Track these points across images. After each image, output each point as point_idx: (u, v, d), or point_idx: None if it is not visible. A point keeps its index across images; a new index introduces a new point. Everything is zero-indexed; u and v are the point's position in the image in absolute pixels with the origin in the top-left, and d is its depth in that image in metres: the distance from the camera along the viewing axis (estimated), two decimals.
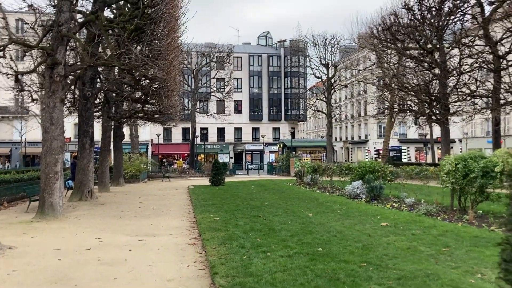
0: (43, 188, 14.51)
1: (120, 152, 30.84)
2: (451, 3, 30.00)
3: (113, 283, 6.72)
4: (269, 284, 5.98)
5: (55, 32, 14.47)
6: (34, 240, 10.43)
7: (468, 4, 29.92)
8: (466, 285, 5.91)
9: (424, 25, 31.21)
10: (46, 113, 14.79)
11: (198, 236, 10.36)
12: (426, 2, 31.27)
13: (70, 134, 52.71)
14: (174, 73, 19.62)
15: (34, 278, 7.06)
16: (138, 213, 15.35)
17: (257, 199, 18.14)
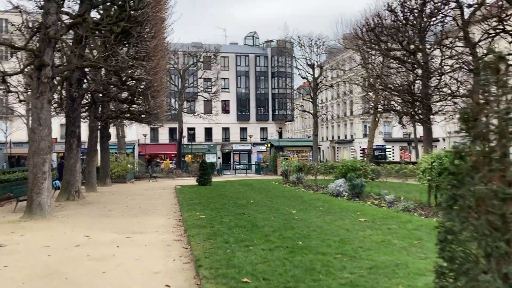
0: (31, 188, 14.72)
1: (106, 153, 31.00)
2: (432, 5, 30.74)
3: (102, 276, 7.07)
4: (250, 274, 6.38)
5: (43, 34, 14.70)
6: (23, 238, 10.70)
7: (448, 7, 30.70)
8: (431, 272, 6.35)
9: (407, 27, 31.90)
10: (34, 114, 15.03)
11: (184, 233, 10.72)
12: (408, 4, 31.99)
13: (57, 135, 52.50)
14: (160, 74, 19.92)
15: (26, 273, 7.37)
16: (125, 212, 15.64)
17: (243, 198, 18.52)
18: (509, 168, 2.80)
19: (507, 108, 2.84)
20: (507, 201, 2.73)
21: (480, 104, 2.95)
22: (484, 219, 2.75)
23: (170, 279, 6.71)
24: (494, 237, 2.71)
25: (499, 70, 2.93)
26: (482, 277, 2.69)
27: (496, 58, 2.96)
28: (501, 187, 2.74)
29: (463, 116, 3.02)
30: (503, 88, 2.88)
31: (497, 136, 2.84)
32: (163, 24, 19.06)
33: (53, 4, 14.49)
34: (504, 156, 2.81)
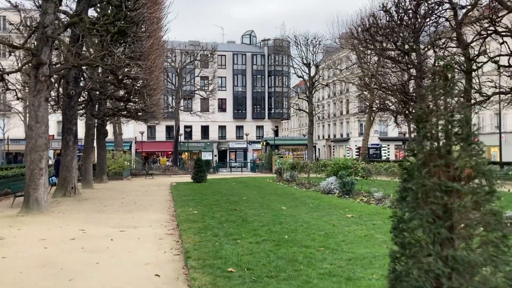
0: (28, 184, 15.04)
1: (103, 150, 31.29)
2: (426, 6, 31.12)
3: (95, 266, 7.43)
4: (235, 265, 6.75)
5: (40, 33, 15.00)
6: (21, 232, 11.04)
7: (442, 7, 31.10)
8: None
9: (401, 27, 32.26)
10: (31, 111, 15.34)
11: (176, 227, 11.09)
12: (403, 5, 32.37)
13: (54, 132, 52.68)
14: (156, 72, 20.25)
15: (23, 263, 7.73)
16: (120, 208, 15.99)
17: (236, 195, 18.90)
18: (453, 164, 3.17)
19: (451, 111, 3.21)
20: (449, 193, 3.10)
21: (430, 107, 3.32)
22: (428, 208, 3.12)
23: (160, 270, 7.08)
24: (437, 224, 3.09)
25: (447, 77, 3.30)
26: (425, 259, 3.07)
27: (444, 66, 3.32)
28: (444, 180, 3.11)
29: (416, 117, 3.39)
30: (449, 93, 3.25)
31: (443, 136, 3.21)
32: (159, 24, 19.37)
33: (50, 4, 14.80)
34: (448, 154, 3.18)
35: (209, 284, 5.81)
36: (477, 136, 3.29)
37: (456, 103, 3.28)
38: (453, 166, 3.20)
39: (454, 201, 3.16)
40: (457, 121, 3.24)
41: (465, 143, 3.22)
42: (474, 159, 3.17)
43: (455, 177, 3.20)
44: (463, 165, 3.16)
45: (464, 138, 3.21)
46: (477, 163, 3.18)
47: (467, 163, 3.18)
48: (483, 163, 3.21)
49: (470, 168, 3.18)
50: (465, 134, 3.20)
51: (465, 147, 3.23)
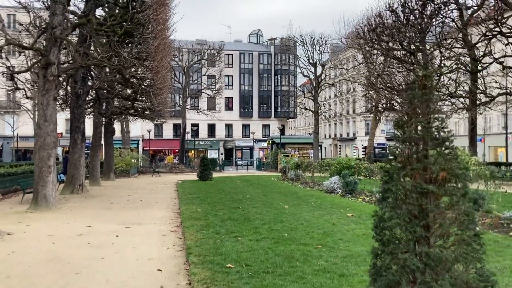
0: (37, 181, 15.41)
1: (111, 148, 31.69)
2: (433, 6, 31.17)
3: (101, 261, 7.73)
4: (234, 261, 7.02)
5: (49, 34, 15.35)
6: (30, 227, 11.39)
7: (448, 8, 31.13)
8: None
9: (407, 27, 32.31)
10: (40, 110, 15.71)
11: (179, 225, 11.38)
12: (409, 5, 32.44)
13: (62, 129, 53.30)
14: (162, 72, 20.55)
15: (32, 258, 8.05)
16: (126, 205, 16.32)
17: (240, 193, 19.17)
18: (429, 167, 3.41)
19: (428, 118, 3.45)
20: (425, 194, 3.35)
21: (409, 114, 3.56)
22: (406, 209, 3.37)
23: (162, 265, 7.37)
24: (413, 223, 3.33)
25: (426, 87, 3.54)
26: (402, 256, 3.31)
27: (423, 76, 3.56)
28: (420, 183, 3.35)
29: (397, 123, 3.63)
30: (427, 101, 3.50)
31: (420, 141, 3.45)
32: (165, 24, 19.66)
33: (59, 5, 15.14)
34: (425, 158, 3.43)
35: (208, 279, 6.08)
36: (453, 141, 3.53)
37: (433, 110, 3.53)
38: (430, 169, 3.44)
39: (430, 202, 3.41)
40: (434, 127, 3.48)
41: (441, 147, 3.47)
42: (449, 163, 3.42)
43: (431, 180, 3.44)
44: (438, 168, 3.41)
45: (440, 143, 3.45)
46: (451, 166, 3.42)
47: (442, 166, 3.43)
48: (457, 167, 3.45)
49: (445, 171, 3.42)
50: (441, 139, 3.44)
51: (441, 152, 3.47)
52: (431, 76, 3.59)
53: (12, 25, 48.30)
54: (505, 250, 7.72)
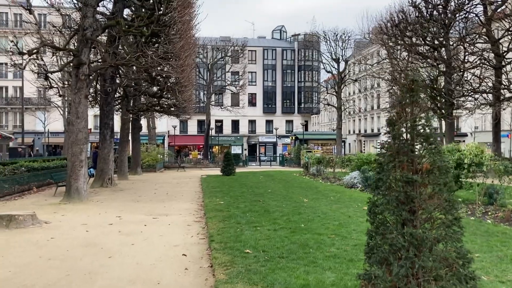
0: (70, 174, 16.36)
1: (137, 143, 32.74)
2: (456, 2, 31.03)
3: (131, 247, 8.46)
4: (252, 247, 7.63)
5: (80, 35, 16.24)
6: (65, 217, 12.26)
7: (472, 3, 30.95)
8: None
9: (430, 23, 32.23)
10: (72, 108, 16.63)
11: (203, 216, 12.06)
12: (432, 0, 32.38)
13: (91, 125, 54.80)
14: (187, 71, 21.28)
15: (69, 243, 8.84)
16: (153, 198, 17.13)
17: (262, 187, 19.78)
18: (414, 160, 3.94)
19: (415, 117, 3.97)
20: (410, 183, 3.88)
21: (398, 114, 4.09)
22: (393, 195, 3.91)
23: (187, 250, 8.04)
24: (399, 208, 3.87)
25: (413, 90, 4.06)
26: (389, 236, 3.86)
27: (410, 80, 4.08)
28: (405, 173, 3.88)
29: (388, 121, 4.16)
30: (414, 103, 4.02)
31: (407, 137, 3.98)
32: (190, 24, 20.35)
33: (90, 8, 15.98)
34: (411, 152, 3.95)
35: (227, 262, 6.71)
36: (436, 138, 4.04)
37: (419, 110, 4.04)
38: (415, 162, 3.97)
39: (415, 190, 3.94)
40: (420, 125, 4.00)
41: (426, 143, 3.98)
42: (432, 156, 3.93)
43: (416, 171, 3.97)
44: (422, 160, 3.93)
45: (425, 139, 3.97)
46: (434, 159, 3.94)
47: (426, 159, 3.95)
48: (440, 160, 3.97)
49: (428, 164, 3.94)
50: (425, 136, 3.96)
51: (426, 146, 3.99)
52: (417, 81, 4.10)
53: (43, 24, 49.93)
54: (510, 241, 8.11)
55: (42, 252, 8.10)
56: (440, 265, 3.76)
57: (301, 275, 5.93)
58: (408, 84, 4.10)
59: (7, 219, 10.44)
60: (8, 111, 58.98)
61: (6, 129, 56.81)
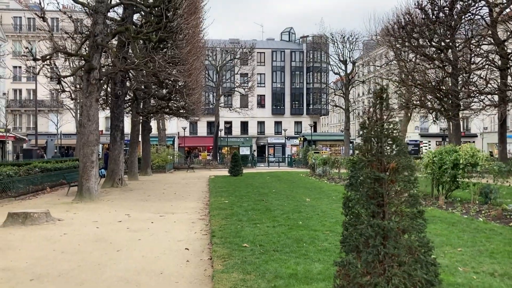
0: (81, 175, 17.03)
1: (147, 144, 33.45)
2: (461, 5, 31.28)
3: (138, 242, 9.04)
4: (250, 242, 8.17)
5: (91, 41, 16.92)
6: (76, 215, 12.90)
7: (478, 5, 31.19)
8: None
9: (436, 24, 32.50)
10: (84, 111, 17.31)
11: (207, 214, 12.63)
12: (438, 2, 32.68)
13: (102, 127, 55.75)
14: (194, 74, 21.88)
15: (80, 238, 9.45)
16: (161, 198, 17.75)
17: (267, 188, 20.30)
18: (382, 160, 4.45)
19: (383, 121, 4.48)
20: (379, 180, 4.39)
21: (369, 118, 4.60)
22: (363, 191, 4.42)
23: (190, 245, 8.61)
24: (369, 202, 4.38)
25: (382, 97, 4.57)
26: (359, 226, 4.37)
27: (380, 89, 4.59)
28: (373, 171, 4.39)
29: (361, 125, 4.68)
30: (382, 109, 4.53)
31: (376, 139, 4.49)
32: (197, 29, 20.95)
33: (100, 15, 16.65)
34: (379, 152, 4.46)
35: (226, 255, 7.25)
36: (402, 140, 4.54)
37: (387, 116, 4.55)
38: (383, 161, 4.47)
39: (383, 186, 4.44)
40: (388, 129, 4.50)
41: (393, 144, 4.49)
42: (397, 157, 4.44)
43: (385, 169, 4.48)
44: (387, 160, 4.44)
45: (392, 141, 4.48)
46: (399, 160, 4.44)
47: (392, 159, 4.45)
48: (406, 160, 4.47)
49: (394, 163, 4.44)
50: (392, 138, 4.47)
51: (393, 148, 4.49)
52: (386, 90, 4.61)
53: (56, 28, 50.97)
54: (495, 237, 8.54)
55: (55, 246, 8.71)
56: (403, 253, 4.25)
57: (291, 265, 6.46)
58: (378, 92, 4.61)
59: (23, 216, 11.09)
60: (22, 113, 60.25)
61: (20, 131, 58.06)
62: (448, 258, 6.91)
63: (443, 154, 14.03)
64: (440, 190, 14.70)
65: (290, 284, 5.59)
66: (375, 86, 72.13)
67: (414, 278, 4.10)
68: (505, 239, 8.29)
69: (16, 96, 59.99)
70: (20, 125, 59.97)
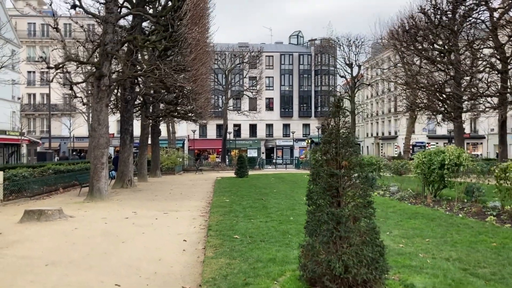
0: (92, 176, 18.05)
1: (157, 147, 34.50)
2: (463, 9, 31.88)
3: (142, 235, 9.98)
4: (241, 234, 9.06)
5: (101, 50, 17.96)
6: (87, 213, 13.90)
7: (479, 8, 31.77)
8: None
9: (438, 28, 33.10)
10: (94, 115, 18.34)
11: (208, 211, 13.54)
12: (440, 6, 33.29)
13: (114, 130, 57.09)
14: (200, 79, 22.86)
15: (90, 233, 10.41)
16: (168, 197, 18.71)
17: (269, 188, 21.17)
18: (338, 159, 5.32)
19: (338, 127, 5.36)
20: (333, 175, 5.26)
21: (328, 123, 5.48)
22: (320, 185, 5.30)
23: (188, 237, 9.53)
24: (325, 194, 5.26)
25: (338, 106, 5.44)
26: (317, 214, 5.25)
27: (338, 98, 5.47)
28: (330, 168, 5.27)
29: (322, 129, 5.56)
30: (339, 115, 5.41)
31: (333, 141, 5.37)
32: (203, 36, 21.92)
33: (110, 25, 17.69)
34: (336, 154, 5.34)
35: (217, 244, 8.15)
36: (354, 142, 5.40)
37: (343, 122, 5.41)
38: (338, 160, 5.34)
39: (338, 181, 5.31)
40: (343, 133, 5.37)
41: (346, 146, 5.36)
42: (349, 157, 5.30)
43: (340, 167, 5.35)
44: (341, 160, 5.31)
45: (345, 143, 5.35)
46: (351, 159, 5.31)
47: (346, 158, 5.32)
48: (356, 159, 5.33)
49: (346, 162, 5.31)
50: (345, 141, 5.34)
51: (346, 149, 5.36)
52: (342, 99, 5.49)
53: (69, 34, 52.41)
54: (465, 230, 9.33)
55: (67, 239, 9.68)
56: (353, 235, 5.12)
57: (273, 252, 7.35)
58: (335, 102, 5.49)
59: (38, 213, 12.11)
60: (36, 117, 61.89)
61: (34, 134, 59.64)
62: (414, 247, 7.74)
63: (432, 155, 14.80)
64: (430, 189, 15.47)
65: (267, 266, 6.48)
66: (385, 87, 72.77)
67: (360, 256, 4.98)
68: (473, 232, 9.08)
69: (30, 100, 61.65)
70: (34, 128, 61.58)
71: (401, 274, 5.89)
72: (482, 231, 9.16)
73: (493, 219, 10.57)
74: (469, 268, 6.28)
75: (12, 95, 48.72)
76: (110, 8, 17.74)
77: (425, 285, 5.39)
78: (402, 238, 8.66)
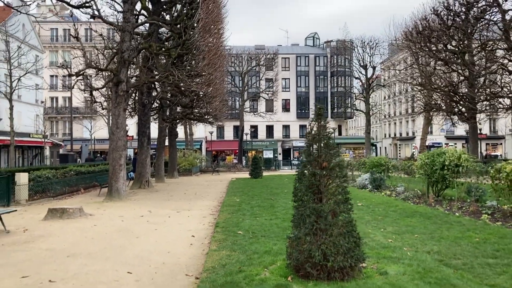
0: (111, 177, 19.02)
1: (174, 149, 35.49)
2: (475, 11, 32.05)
3: (154, 231, 10.80)
4: (245, 230, 9.81)
5: (119, 57, 18.93)
6: (106, 211, 14.82)
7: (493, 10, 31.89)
8: (370, 234, 9.41)
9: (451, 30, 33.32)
10: (113, 119, 19.32)
11: (218, 210, 14.32)
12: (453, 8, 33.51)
13: (133, 133, 58.41)
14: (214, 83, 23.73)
15: (108, 229, 11.28)
16: (182, 197, 19.56)
17: (280, 188, 21.85)
18: (319, 160, 6.02)
19: (319, 132, 6.06)
20: (315, 175, 5.96)
21: (311, 128, 6.19)
22: (304, 183, 6.01)
23: (196, 233, 10.31)
24: (308, 191, 5.97)
25: (320, 114, 6.14)
26: (301, 209, 5.96)
27: (319, 107, 6.17)
28: (312, 168, 5.97)
29: (308, 133, 6.27)
30: (319, 121, 6.11)
31: (315, 144, 6.08)
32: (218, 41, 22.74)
33: (127, 34, 18.64)
34: (318, 155, 6.04)
35: (222, 239, 8.91)
36: (335, 145, 6.09)
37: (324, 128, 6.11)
38: (320, 161, 6.04)
39: (320, 180, 6.01)
40: (323, 137, 6.07)
41: (327, 148, 6.05)
42: (329, 158, 5.99)
43: (321, 167, 6.04)
44: (322, 160, 6.00)
45: (325, 146, 6.05)
46: (330, 160, 6.00)
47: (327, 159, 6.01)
48: (335, 161, 6.02)
49: (326, 162, 6.00)
50: (326, 144, 6.04)
51: (327, 151, 6.05)
52: (323, 108, 6.18)
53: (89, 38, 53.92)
54: (456, 227, 9.89)
55: (86, 234, 10.56)
56: (331, 228, 5.81)
57: (269, 245, 8.07)
58: (317, 110, 6.19)
59: (60, 211, 13.07)
60: (58, 120, 63.76)
61: (56, 136, 61.49)
62: (402, 242, 8.38)
63: (434, 156, 15.31)
64: (434, 189, 15.97)
65: (262, 257, 7.21)
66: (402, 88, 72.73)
67: (337, 246, 5.67)
68: (463, 229, 9.64)
69: (53, 104, 63.52)
70: (56, 131, 63.43)
71: (380, 264, 6.55)
72: (471, 228, 9.71)
73: (487, 217, 11.08)
74: (445, 259, 6.90)
75: (36, 99, 50.51)
76: (127, 18, 18.69)
77: (397, 273, 6.04)
78: (394, 234, 9.28)
